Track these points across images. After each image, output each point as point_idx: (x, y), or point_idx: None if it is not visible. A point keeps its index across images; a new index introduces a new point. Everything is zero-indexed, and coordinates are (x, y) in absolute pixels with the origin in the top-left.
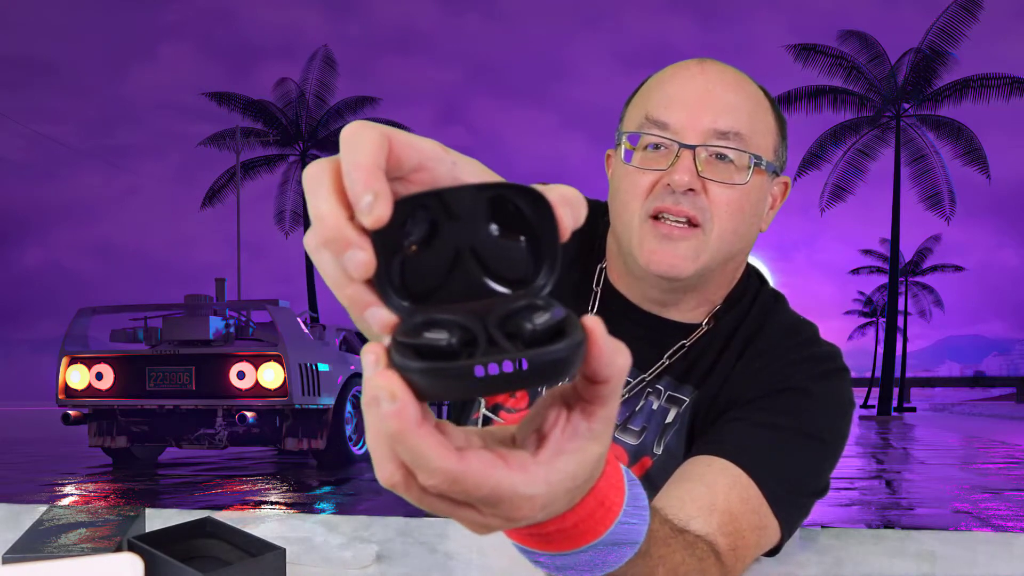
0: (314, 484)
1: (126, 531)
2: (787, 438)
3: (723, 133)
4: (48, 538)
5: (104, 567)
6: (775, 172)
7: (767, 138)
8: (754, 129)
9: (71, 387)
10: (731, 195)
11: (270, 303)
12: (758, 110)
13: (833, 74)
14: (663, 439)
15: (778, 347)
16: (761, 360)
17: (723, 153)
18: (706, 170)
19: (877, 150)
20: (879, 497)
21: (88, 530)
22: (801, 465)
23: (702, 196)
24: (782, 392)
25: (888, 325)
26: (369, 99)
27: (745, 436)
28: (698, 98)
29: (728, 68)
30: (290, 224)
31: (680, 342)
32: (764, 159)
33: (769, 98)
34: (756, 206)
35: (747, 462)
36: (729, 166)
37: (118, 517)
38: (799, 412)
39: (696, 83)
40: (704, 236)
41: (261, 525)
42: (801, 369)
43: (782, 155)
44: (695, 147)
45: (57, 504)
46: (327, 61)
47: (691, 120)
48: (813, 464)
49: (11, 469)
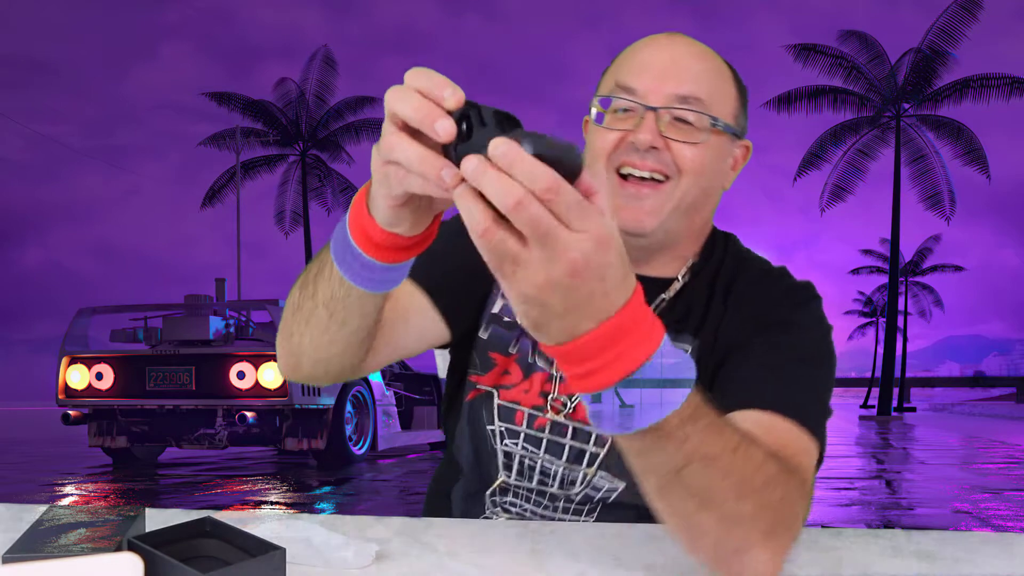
0: (314, 484)
1: (126, 531)
2: (788, 370)
3: (684, 98)
4: (48, 538)
5: (104, 567)
6: (735, 135)
7: (727, 104)
8: (714, 95)
9: (71, 387)
10: (693, 151)
11: (270, 303)
12: (720, 79)
13: (833, 74)
14: None
15: (759, 287)
16: (748, 305)
17: (684, 116)
18: (668, 130)
19: (877, 150)
20: (879, 497)
21: (88, 530)
22: (807, 389)
23: (666, 153)
24: (770, 327)
25: (888, 325)
26: (369, 99)
27: (754, 384)
28: (664, 66)
29: (696, 42)
30: (290, 224)
31: (660, 296)
32: (722, 121)
33: (732, 71)
34: (717, 163)
35: (767, 403)
36: (690, 127)
37: (118, 517)
38: (790, 344)
39: (663, 53)
40: (670, 189)
41: (261, 525)
42: (783, 303)
43: (742, 121)
44: (658, 109)
45: (57, 504)
46: (327, 61)
47: (656, 85)
48: (816, 385)
49: (11, 469)
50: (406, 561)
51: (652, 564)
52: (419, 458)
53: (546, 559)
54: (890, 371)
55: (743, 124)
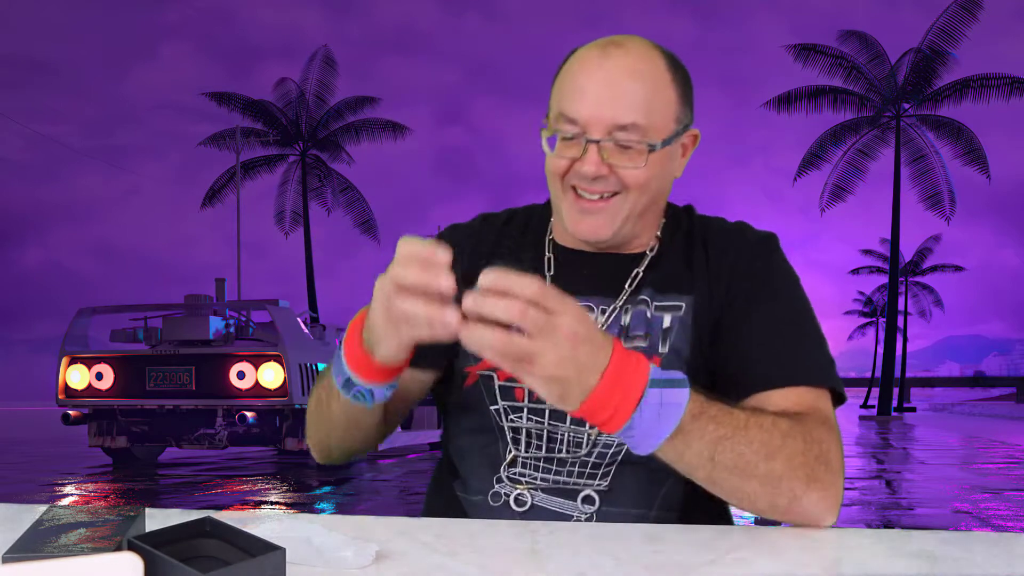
0: (314, 484)
1: (126, 531)
2: (786, 335)
3: (623, 126)
4: (48, 538)
5: (104, 567)
6: (678, 134)
7: (666, 115)
8: (652, 115)
9: (71, 387)
10: (636, 174)
11: (270, 303)
12: (656, 93)
13: (833, 74)
14: (667, 341)
15: (733, 240)
16: (728, 255)
17: (624, 142)
18: (611, 157)
19: (877, 150)
20: (879, 497)
21: (88, 530)
22: (805, 346)
23: (611, 177)
24: (757, 287)
25: (888, 325)
26: (369, 99)
27: (761, 365)
28: (599, 92)
29: (630, 50)
30: (290, 224)
31: (635, 270)
32: (660, 143)
33: (671, 67)
34: (663, 170)
35: (777, 381)
36: (631, 152)
37: (118, 517)
38: (780, 303)
39: (598, 76)
40: (620, 202)
41: (261, 525)
42: (759, 253)
43: (686, 115)
44: (599, 141)
45: (57, 504)
46: (327, 61)
47: (594, 115)
48: (810, 335)
49: (11, 469)
50: (406, 561)
51: (652, 564)
52: (419, 458)
53: (546, 559)
54: (890, 371)
55: (688, 117)
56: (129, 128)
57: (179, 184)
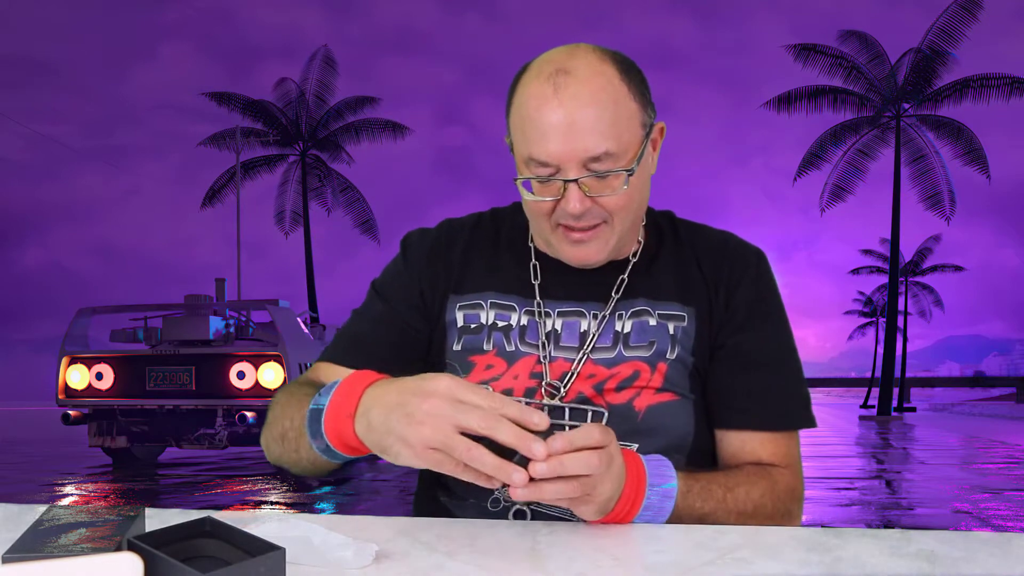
0: (314, 484)
1: (126, 531)
2: (774, 367)
3: (596, 157)
4: (48, 538)
5: (104, 567)
6: (647, 138)
7: (632, 129)
8: (620, 135)
9: (71, 387)
10: (619, 198)
11: (270, 303)
12: (618, 111)
13: (833, 74)
14: (675, 348)
15: (726, 254)
16: (723, 269)
17: (601, 174)
18: (592, 190)
19: (877, 150)
20: (879, 497)
21: (88, 530)
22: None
23: (596, 207)
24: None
25: (888, 325)
26: (369, 99)
27: (747, 404)
28: (563, 131)
29: (581, 75)
30: (290, 224)
31: (620, 277)
32: (636, 163)
33: (623, 73)
34: (642, 181)
35: (760, 424)
36: (609, 179)
37: (118, 517)
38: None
39: (558, 114)
40: (610, 228)
41: (261, 525)
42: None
43: (649, 115)
44: (577, 180)
45: (57, 504)
46: (327, 61)
47: (565, 153)
48: (789, 362)
49: (11, 469)
50: (406, 561)
51: (652, 564)
52: None
53: (546, 559)
54: (890, 371)
55: (651, 115)
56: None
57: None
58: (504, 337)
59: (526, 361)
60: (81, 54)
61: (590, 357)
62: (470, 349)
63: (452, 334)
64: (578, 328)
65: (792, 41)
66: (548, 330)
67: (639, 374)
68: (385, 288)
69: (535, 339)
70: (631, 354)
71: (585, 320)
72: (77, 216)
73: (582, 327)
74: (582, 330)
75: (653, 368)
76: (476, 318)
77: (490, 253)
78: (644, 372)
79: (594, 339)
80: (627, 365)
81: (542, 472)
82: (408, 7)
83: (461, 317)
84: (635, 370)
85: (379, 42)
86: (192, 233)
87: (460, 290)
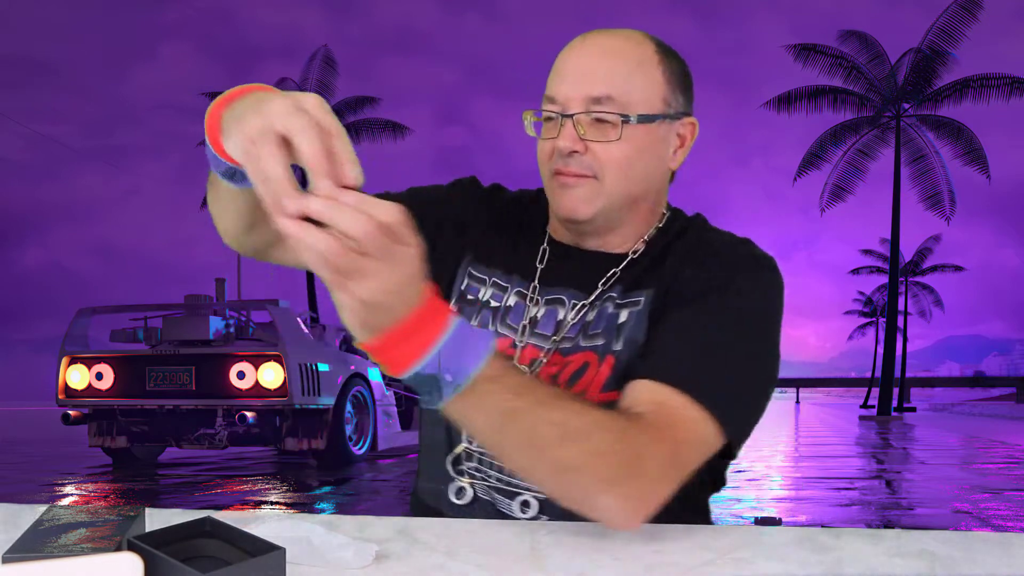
0: (314, 484)
1: (126, 531)
2: (706, 341)
3: (596, 99)
4: (48, 538)
5: (104, 567)
6: (669, 118)
7: (647, 92)
8: (629, 89)
9: (71, 387)
10: (612, 149)
11: (270, 303)
12: (636, 70)
13: (833, 74)
14: (620, 337)
15: (715, 245)
16: (693, 258)
17: (601, 117)
18: (588, 132)
19: (877, 150)
20: (879, 497)
21: (88, 530)
22: (721, 365)
23: (588, 155)
24: (708, 289)
25: (888, 325)
26: (369, 99)
27: (663, 356)
28: (575, 71)
29: (614, 35)
30: None
31: (612, 270)
32: (636, 114)
33: (660, 52)
34: (645, 151)
35: (665, 377)
36: (606, 126)
37: (118, 517)
38: (719, 309)
39: (575, 57)
40: (598, 184)
41: (261, 525)
42: (728, 262)
43: (677, 100)
44: (572, 115)
45: (57, 504)
46: (327, 61)
47: (571, 92)
48: (734, 360)
49: (11, 469)
50: (406, 561)
51: (652, 564)
52: None
53: (546, 559)
54: (890, 371)
55: (680, 103)
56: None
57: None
58: (491, 317)
59: (501, 343)
60: (81, 54)
61: (559, 348)
62: None
63: (453, 294)
64: (555, 316)
65: (792, 41)
66: (531, 315)
67: (588, 366)
68: (416, 195)
69: (517, 322)
70: (586, 344)
71: (564, 309)
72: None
73: (559, 315)
74: (559, 318)
75: (601, 359)
76: (476, 291)
77: (513, 231)
78: (592, 364)
79: (566, 328)
80: (580, 355)
81: (316, 210)
82: (408, 7)
83: (465, 284)
84: (585, 361)
85: (379, 42)
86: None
87: (477, 258)
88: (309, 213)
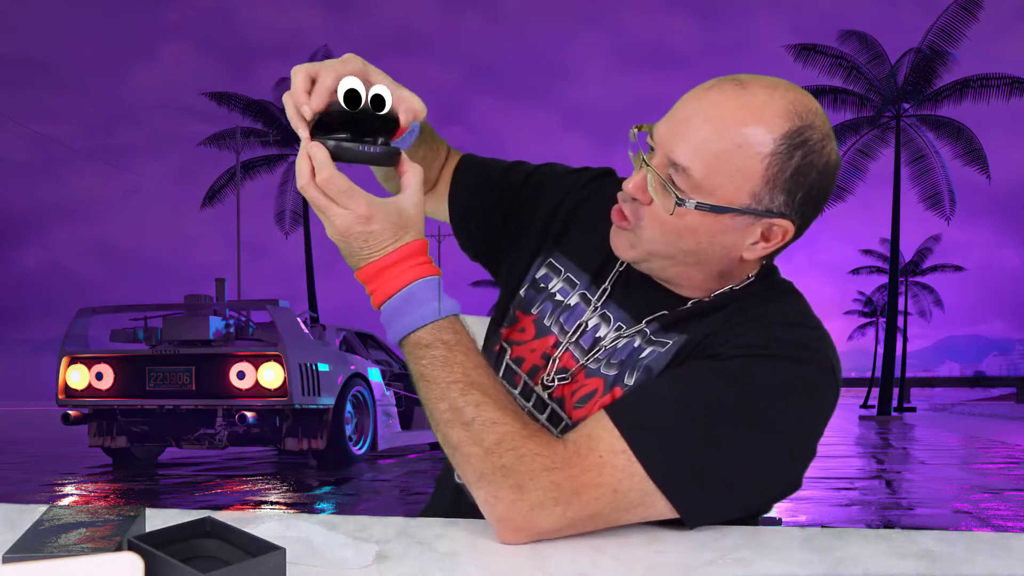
0: (314, 484)
1: (126, 531)
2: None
3: (675, 164)
4: (48, 538)
5: (104, 567)
6: (750, 213)
7: (731, 181)
8: (714, 171)
9: (71, 387)
10: (663, 216)
11: (270, 303)
12: (733, 153)
13: (833, 74)
14: (635, 372)
15: (766, 324)
16: (742, 325)
17: (664, 180)
18: (655, 189)
19: (877, 150)
20: (879, 497)
21: (88, 530)
22: (702, 436)
23: (643, 206)
24: (729, 359)
25: (888, 325)
26: None
27: (641, 391)
28: (677, 123)
29: (739, 98)
30: (290, 224)
31: (664, 310)
32: (697, 201)
33: (780, 141)
34: (701, 235)
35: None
36: (667, 192)
37: (118, 517)
38: (729, 382)
39: (688, 107)
40: (635, 236)
41: (261, 525)
42: (764, 346)
43: (774, 199)
44: (647, 164)
45: (57, 504)
46: None
47: (664, 140)
48: (726, 443)
49: (11, 469)
50: (406, 561)
51: (652, 564)
52: (419, 458)
53: (546, 559)
54: (890, 371)
55: (777, 203)
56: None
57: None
58: (552, 310)
59: (547, 340)
60: (81, 54)
61: (585, 365)
62: (523, 304)
63: (528, 277)
64: (597, 332)
65: (792, 41)
66: (583, 322)
67: (595, 393)
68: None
69: (570, 324)
70: (605, 371)
71: (607, 328)
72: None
73: (600, 332)
74: (598, 335)
75: (607, 389)
76: (548, 279)
77: (605, 230)
78: (599, 391)
79: (598, 349)
80: (594, 380)
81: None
82: (408, 7)
83: (543, 270)
84: (594, 388)
85: (379, 42)
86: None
87: (563, 249)
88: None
